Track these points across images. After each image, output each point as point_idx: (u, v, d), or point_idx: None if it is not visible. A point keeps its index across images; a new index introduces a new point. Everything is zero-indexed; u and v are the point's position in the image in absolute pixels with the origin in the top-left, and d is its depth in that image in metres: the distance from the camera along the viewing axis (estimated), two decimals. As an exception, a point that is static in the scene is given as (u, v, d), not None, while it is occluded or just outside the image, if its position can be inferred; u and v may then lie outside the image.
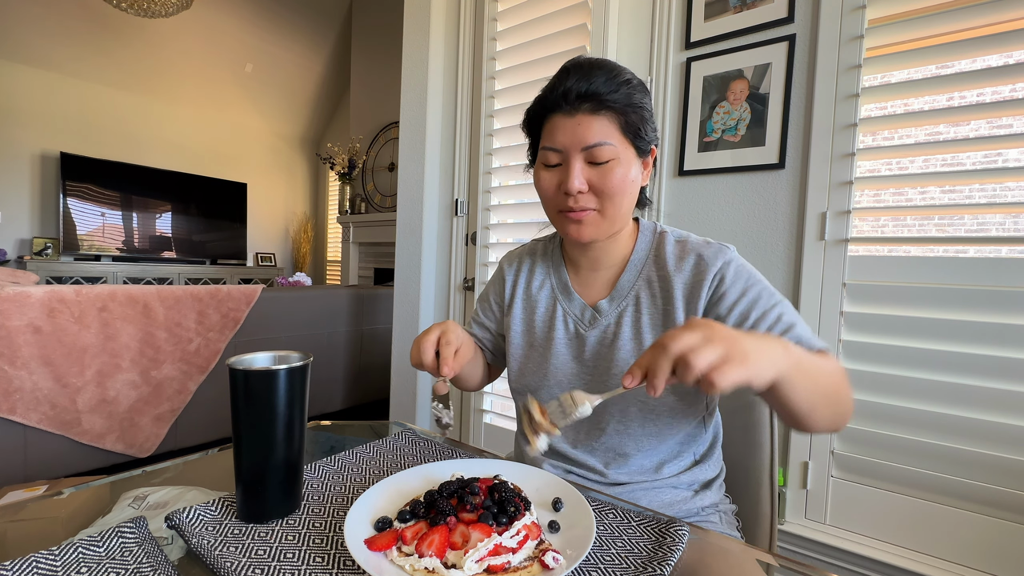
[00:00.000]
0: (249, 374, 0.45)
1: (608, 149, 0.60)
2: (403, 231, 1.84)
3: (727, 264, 0.62)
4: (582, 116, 0.60)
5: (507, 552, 0.39)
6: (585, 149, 0.60)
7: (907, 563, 1.00)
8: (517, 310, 0.76)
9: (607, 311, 0.68)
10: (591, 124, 0.60)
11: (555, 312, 0.72)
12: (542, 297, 0.75)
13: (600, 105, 0.60)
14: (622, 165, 0.61)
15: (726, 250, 0.64)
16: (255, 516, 0.46)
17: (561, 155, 0.62)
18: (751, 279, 0.62)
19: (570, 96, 0.61)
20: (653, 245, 0.69)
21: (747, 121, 1.19)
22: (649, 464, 0.66)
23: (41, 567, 0.37)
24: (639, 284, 0.67)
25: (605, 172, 0.61)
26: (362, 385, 2.55)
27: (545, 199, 0.67)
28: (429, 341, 0.58)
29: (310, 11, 4.66)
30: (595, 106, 0.60)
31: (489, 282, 0.84)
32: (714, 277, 0.62)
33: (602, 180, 0.61)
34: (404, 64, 1.81)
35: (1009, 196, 1.15)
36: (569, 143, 0.61)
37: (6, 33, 3.64)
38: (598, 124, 0.60)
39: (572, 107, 0.61)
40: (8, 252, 3.86)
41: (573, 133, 0.61)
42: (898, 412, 1.01)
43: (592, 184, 0.61)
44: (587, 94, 0.60)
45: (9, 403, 1.48)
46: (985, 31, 0.95)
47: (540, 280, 0.76)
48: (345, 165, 4.54)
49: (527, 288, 0.76)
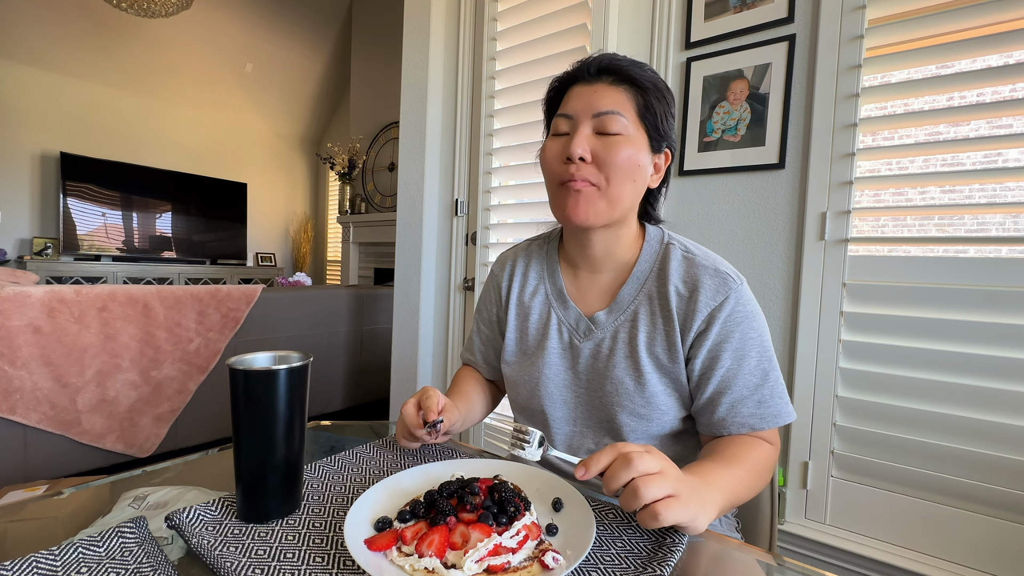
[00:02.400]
0: (249, 374, 0.45)
1: (619, 121, 0.59)
2: (403, 231, 1.84)
3: (725, 303, 0.59)
4: (601, 85, 0.60)
5: (507, 552, 0.39)
6: (596, 116, 0.59)
7: (907, 563, 1.00)
8: (511, 316, 0.74)
9: (604, 324, 0.65)
10: (607, 93, 0.60)
11: (549, 320, 0.70)
12: (536, 303, 0.72)
13: (621, 79, 0.60)
14: (631, 144, 0.59)
15: (731, 285, 0.60)
16: (255, 516, 0.46)
17: (571, 122, 0.61)
18: (749, 331, 0.60)
19: (592, 68, 0.61)
20: (659, 256, 0.65)
21: (747, 121, 1.19)
22: None
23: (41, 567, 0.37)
24: (639, 299, 0.64)
25: (611, 145, 0.59)
26: (362, 385, 2.55)
27: (548, 171, 0.64)
28: (409, 409, 0.61)
29: (310, 11, 4.66)
30: (617, 79, 0.60)
31: (483, 291, 0.81)
32: (709, 314, 0.60)
33: (607, 152, 0.58)
34: (404, 64, 1.81)
35: (1009, 196, 1.15)
36: (581, 108, 0.60)
37: (6, 33, 3.64)
38: (615, 95, 0.59)
39: (594, 77, 0.61)
40: (8, 252, 3.86)
41: (588, 99, 0.60)
42: (898, 412, 1.01)
43: (596, 155, 0.59)
44: (611, 67, 0.60)
45: (9, 403, 1.48)
46: (985, 31, 0.95)
47: (534, 285, 0.73)
48: (345, 165, 4.54)
49: (520, 292, 0.74)
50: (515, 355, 0.73)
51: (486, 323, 0.80)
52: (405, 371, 1.84)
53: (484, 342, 0.80)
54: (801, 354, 1.12)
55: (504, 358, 0.74)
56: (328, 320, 2.37)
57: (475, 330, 0.82)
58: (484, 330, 0.80)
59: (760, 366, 0.59)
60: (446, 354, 1.80)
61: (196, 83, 4.65)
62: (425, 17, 1.73)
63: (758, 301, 1.16)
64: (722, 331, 0.59)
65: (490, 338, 0.79)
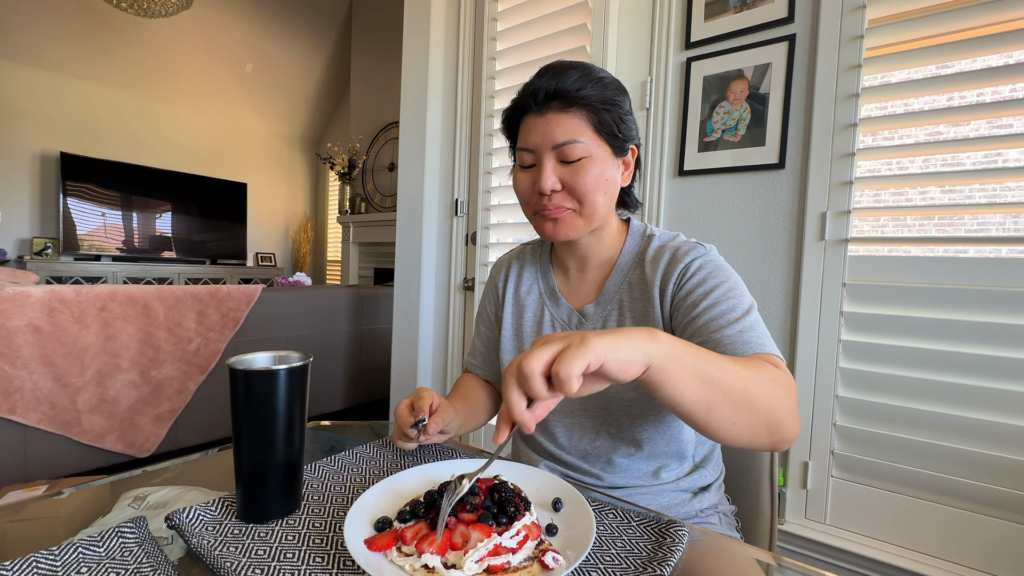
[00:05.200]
0: (249, 374, 0.45)
1: (579, 147, 0.59)
2: (403, 231, 1.84)
3: (697, 258, 0.62)
4: (552, 115, 0.60)
5: (507, 552, 0.39)
6: (556, 147, 0.60)
7: (907, 563, 1.00)
8: (507, 315, 0.76)
9: (593, 316, 0.68)
10: (560, 122, 0.60)
11: (543, 317, 0.72)
12: (530, 302, 0.74)
13: (569, 103, 0.59)
14: (596, 163, 0.60)
15: (701, 248, 0.63)
16: (255, 516, 0.46)
17: (534, 155, 0.62)
18: (717, 274, 0.60)
19: (539, 96, 0.60)
20: (640, 248, 0.68)
21: (747, 121, 1.19)
22: (647, 468, 0.65)
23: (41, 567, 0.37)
24: (623, 288, 0.67)
25: (577, 170, 0.60)
26: (362, 385, 2.55)
27: (522, 201, 0.66)
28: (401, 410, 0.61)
29: (310, 11, 4.66)
30: (564, 104, 0.59)
31: (482, 295, 0.84)
32: (682, 271, 0.62)
33: (574, 178, 0.60)
34: (404, 64, 1.81)
35: (1009, 196, 1.15)
36: (540, 142, 0.61)
37: (6, 33, 3.64)
38: (568, 122, 0.60)
39: (542, 107, 0.60)
40: (8, 252, 3.86)
41: (543, 132, 0.60)
42: (898, 412, 1.01)
43: (565, 183, 0.61)
44: (556, 92, 0.59)
45: (9, 403, 1.48)
46: (985, 31, 0.95)
47: (528, 285, 0.76)
48: (345, 165, 4.54)
49: (516, 292, 0.77)
50: (512, 352, 0.74)
51: (486, 324, 0.82)
52: (405, 371, 1.84)
53: (485, 343, 0.81)
54: (801, 354, 1.12)
55: (502, 355, 0.75)
56: (328, 320, 2.37)
57: (476, 333, 0.83)
58: (484, 331, 0.82)
59: (739, 306, 0.57)
60: (446, 354, 1.80)
61: (196, 83, 4.65)
62: (425, 17, 1.73)
63: (758, 301, 1.17)
64: (695, 280, 0.60)
65: (490, 338, 0.81)
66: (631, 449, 0.64)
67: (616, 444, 0.65)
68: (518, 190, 0.66)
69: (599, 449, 0.66)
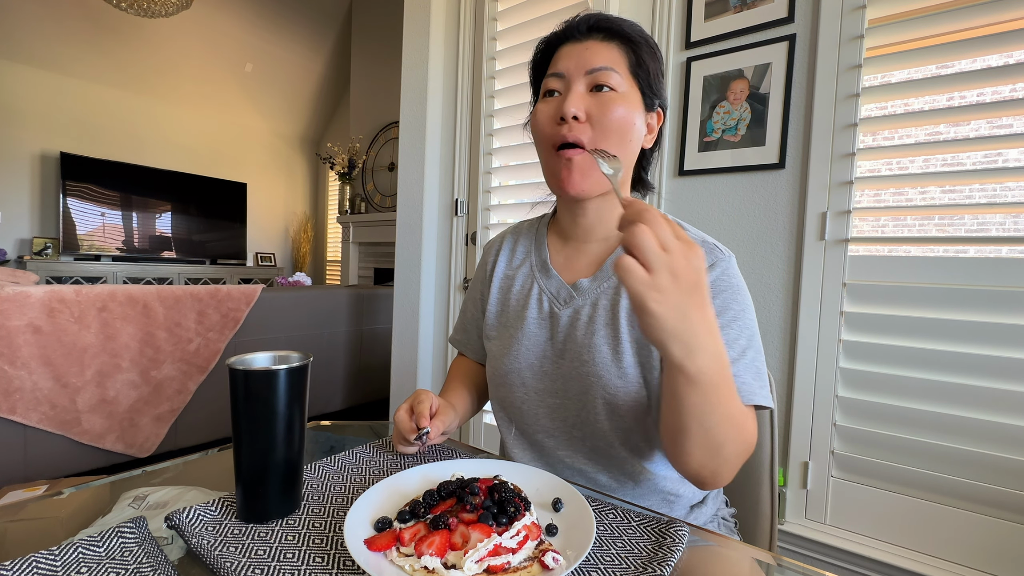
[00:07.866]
0: (249, 374, 0.45)
1: (613, 76, 0.57)
2: (403, 231, 1.84)
3: (711, 269, 0.57)
4: (592, 42, 0.59)
5: (507, 552, 0.39)
6: (589, 73, 0.58)
7: (907, 563, 1.00)
8: (494, 290, 0.73)
9: (587, 290, 0.63)
10: (599, 50, 0.58)
11: (531, 290, 0.68)
12: (520, 274, 0.71)
13: (612, 35, 0.59)
14: (625, 102, 0.58)
15: (718, 255, 0.59)
16: (255, 516, 0.46)
17: (563, 81, 0.59)
18: (729, 293, 0.56)
19: (582, 25, 0.60)
20: None
21: (747, 121, 1.19)
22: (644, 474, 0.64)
23: (41, 567, 0.37)
24: None
25: (606, 102, 0.57)
26: (362, 385, 2.55)
27: (540, 135, 0.61)
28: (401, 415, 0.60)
29: (310, 11, 4.66)
30: (607, 35, 0.59)
31: (475, 273, 0.80)
32: None
33: (602, 111, 0.57)
34: (404, 64, 1.81)
35: (1009, 196, 1.15)
36: (574, 66, 0.59)
37: (6, 33, 3.64)
38: (607, 51, 0.58)
39: (584, 35, 0.60)
40: (8, 252, 3.86)
41: (579, 57, 0.58)
42: (898, 412, 1.01)
43: (591, 115, 0.57)
44: (601, 24, 0.59)
45: (9, 403, 1.48)
46: (985, 31, 0.95)
47: (521, 258, 0.72)
48: (345, 165, 4.54)
49: (508, 266, 0.73)
50: (495, 328, 0.71)
51: (473, 303, 0.79)
52: (405, 371, 1.84)
53: (470, 321, 0.79)
54: (801, 354, 1.12)
55: (485, 332, 0.73)
56: (328, 320, 2.37)
57: (463, 310, 0.81)
58: (470, 308, 0.79)
59: (738, 341, 0.55)
60: (446, 354, 1.80)
61: (196, 83, 4.64)
62: (425, 17, 1.73)
63: (758, 301, 1.17)
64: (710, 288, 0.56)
65: (475, 317, 0.78)
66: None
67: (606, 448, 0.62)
68: (537, 124, 0.61)
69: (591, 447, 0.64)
